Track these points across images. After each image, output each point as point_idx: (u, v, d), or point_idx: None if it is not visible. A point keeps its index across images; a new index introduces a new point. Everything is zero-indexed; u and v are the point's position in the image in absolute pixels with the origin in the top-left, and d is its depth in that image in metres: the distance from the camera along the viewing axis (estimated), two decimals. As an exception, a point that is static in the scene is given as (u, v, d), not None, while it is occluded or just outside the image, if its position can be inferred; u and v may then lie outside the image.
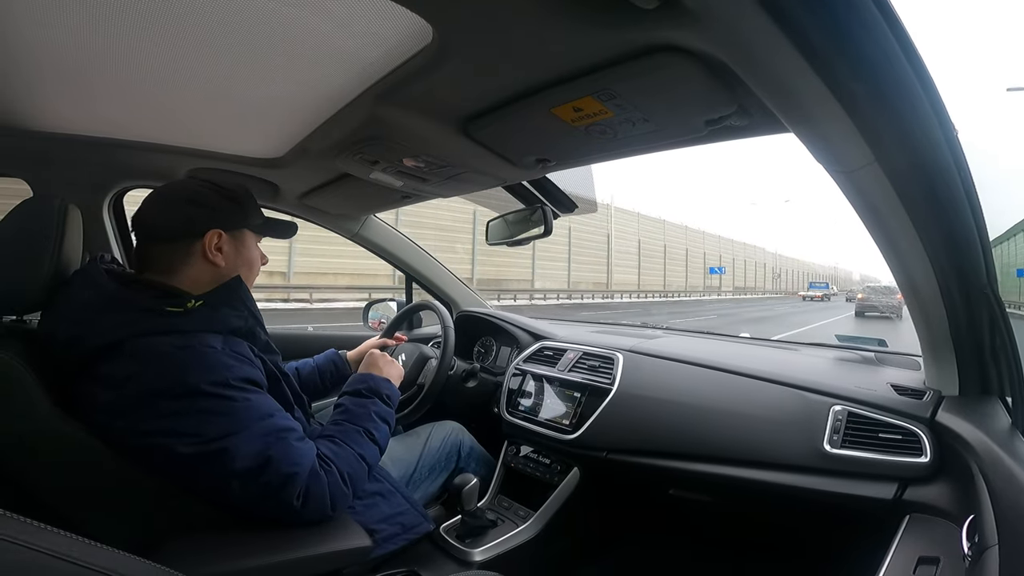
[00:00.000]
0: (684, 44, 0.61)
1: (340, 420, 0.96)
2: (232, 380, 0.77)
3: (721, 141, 0.88)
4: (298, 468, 0.79)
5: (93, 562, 0.39)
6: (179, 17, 0.69)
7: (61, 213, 0.81)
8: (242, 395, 0.78)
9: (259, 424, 0.78)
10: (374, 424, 0.97)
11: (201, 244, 0.87)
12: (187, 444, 0.73)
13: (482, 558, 1.21)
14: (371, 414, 0.98)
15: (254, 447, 0.76)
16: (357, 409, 0.98)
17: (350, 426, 0.94)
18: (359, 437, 0.93)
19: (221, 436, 0.75)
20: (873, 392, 1.06)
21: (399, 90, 0.82)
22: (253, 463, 0.76)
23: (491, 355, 1.87)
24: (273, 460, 0.77)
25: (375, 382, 1.04)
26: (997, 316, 0.80)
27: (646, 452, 1.25)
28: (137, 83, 0.90)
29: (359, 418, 0.96)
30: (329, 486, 0.82)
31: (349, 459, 0.88)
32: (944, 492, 0.89)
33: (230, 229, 0.90)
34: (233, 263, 0.91)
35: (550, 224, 1.45)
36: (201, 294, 0.84)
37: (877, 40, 0.52)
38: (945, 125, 0.61)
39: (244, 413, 0.77)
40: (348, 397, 1.01)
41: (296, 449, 0.80)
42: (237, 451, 0.75)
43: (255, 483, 0.76)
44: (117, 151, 1.22)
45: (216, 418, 0.75)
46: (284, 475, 0.78)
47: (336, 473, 0.84)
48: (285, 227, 1.04)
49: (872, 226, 0.79)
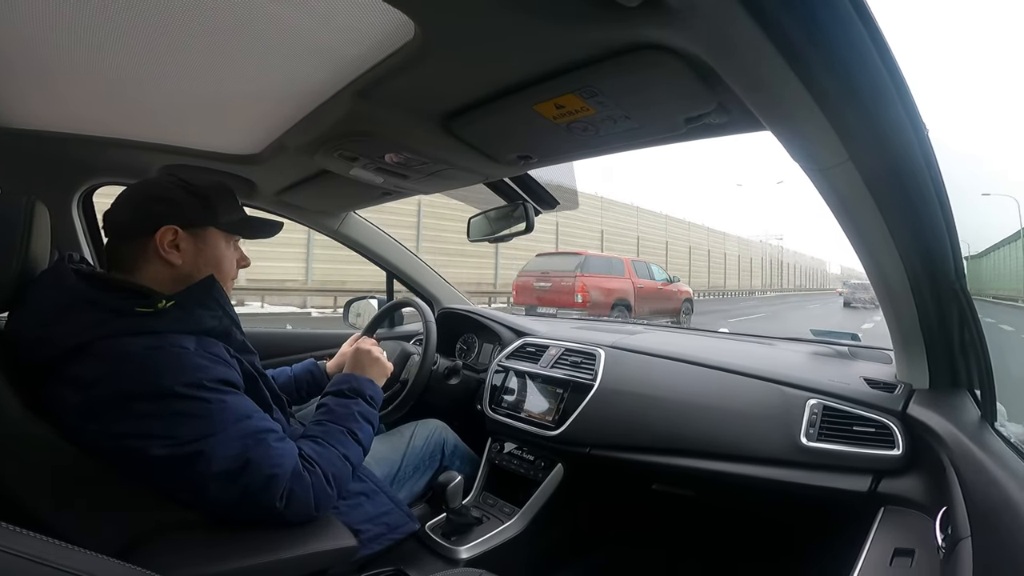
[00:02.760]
0: (666, 42, 0.62)
1: (323, 420, 0.95)
2: (206, 381, 0.76)
3: (700, 138, 0.89)
4: (279, 469, 0.78)
5: (69, 565, 0.38)
6: (152, 10, 0.67)
7: (28, 210, 0.78)
8: (217, 396, 0.76)
9: (236, 426, 0.77)
10: (357, 424, 0.96)
11: (154, 241, 0.84)
12: (161, 446, 0.72)
13: (468, 556, 1.21)
14: (354, 414, 0.97)
15: (232, 449, 0.75)
16: (340, 409, 0.97)
17: (333, 426, 0.93)
18: (343, 437, 0.92)
19: (196, 439, 0.73)
20: (847, 386, 1.09)
21: (380, 86, 0.81)
22: (231, 465, 0.74)
23: (473, 352, 1.87)
24: (252, 462, 0.76)
25: (358, 383, 1.03)
26: (966, 311, 0.83)
27: (628, 447, 1.26)
28: (108, 78, 0.87)
29: (342, 418, 0.95)
30: (313, 487, 0.81)
31: (332, 459, 0.87)
32: (917, 484, 0.91)
33: (190, 227, 0.87)
34: (193, 263, 0.87)
35: (532, 221, 1.45)
36: (172, 294, 0.82)
37: (853, 41, 0.53)
38: (917, 125, 0.63)
39: (219, 415, 0.76)
40: (331, 397, 1.00)
41: (276, 450, 0.79)
42: (213, 453, 0.73)
43: (234, 485, 0.75)
44: (87, 147, 1.18)
45: (190, 420, 0.73)
46: (264, 477, 0.76)
47: (320, 474, 0.83)
48: (263, 227, 1.00)
49: (845, 223, 0.81)
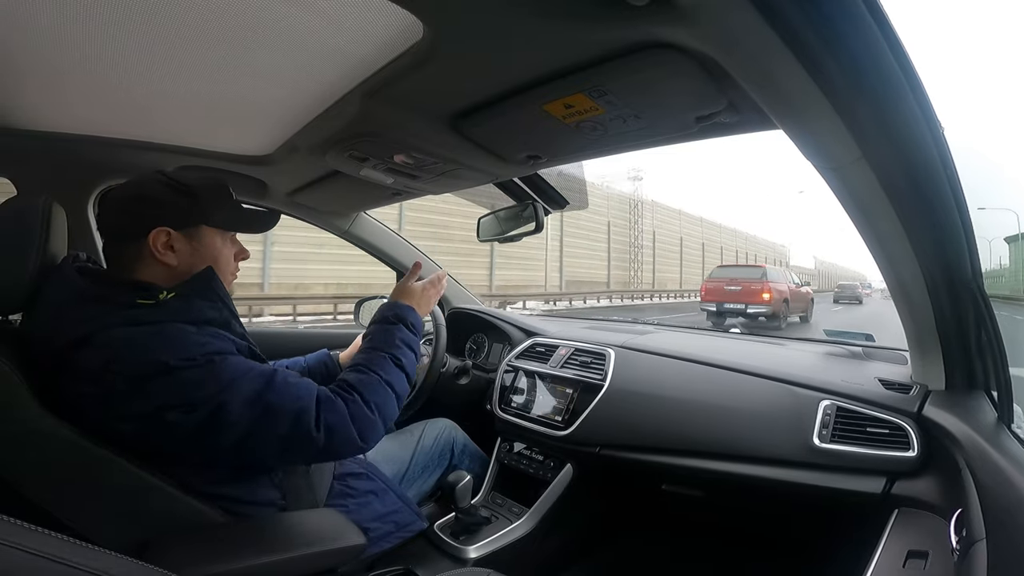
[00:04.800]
0: (675, 41, 0.61)
1: (366, 348, 0.96)
2: (206, 353, 0.76)
3: (711, 137, 0.89)
4: (301, 401, 0.79)
5: (84, 563, 0.38)
6: (164, 13, 0.68)
7: (46, 212, 0.80)
8: (220, 358, 0.77)
9: (245, 377, 0.77)
10: (400, 350, 0.96)
11: (148, 244, 0.83)
12: (179, 413, 0.73)
13: (476, 555, 1.21)
14: (396, 340, 0.97)
15: (248, 395, 0.76)
16: (383, 336, 0.98)
17: (375, 353, 0.94)
18: (384, 363, 0.92)
19: (213, 395, 0.74)
20: (861, 387, 1.07)
21: (389, 87, 0.81)
22: (253, 411, 0.75)
23: (483, 352, 1.87)
24: (273, 404, 0.77)
25: (401, 309, 1.03)
26: (983, 311, 0.81)
27: (638, 448, 1.25)
28: (122, 81, 0.89)
29: (385, 344, 0.96)
30: (351, 414, 0.82)
31: (374, 385, 0.87)
32: (932, 486, 0.90)
33: (182, 227, 0.85)
34: (189, 262, 0.86)
35: (541, 221, 1.45)
36: (173, 286, 0.83)
37: (866, 38, 0.53)
38: (932, 122, 0.62)
39: (225, 372, 0.76)
40: (375, 325, 1.01)
41: (291, 385, 0.80)
42: (233, 403, 0.74)
43: (266, 430, 0.76)
44: (102, 149, 1.20)
45: (200, 384, 0.74)
46: (290, 413, 0.77)
47: (358, 400, 0.84)
48: (257, 220, 0.98)
49: (859, 222, 0.80)
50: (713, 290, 12.14)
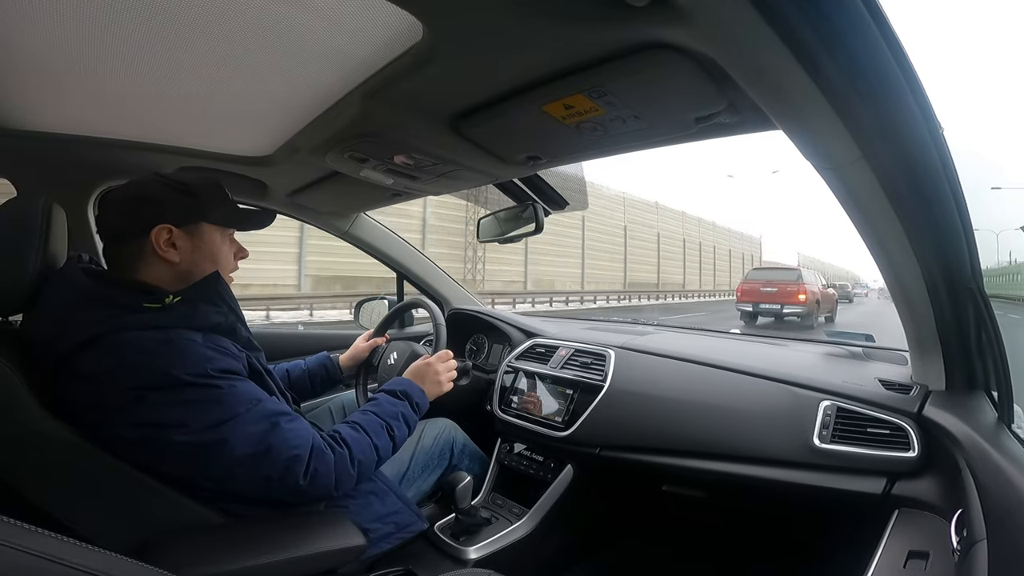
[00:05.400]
0: (674, 41, 0.61)
1: (368, 410, 0.99)
2: (212, 370, 0.77)
3: (710, 138, 0.89)
4: (298, 450, 0.81)
5: (84, 564, 0.38)
6: (164, 14, 0.68)
7: (46, 213, 0.80)
8: (227, 383, 0.78)
9: (250, 411, 0.79)
10: (397, 423, 0.99)
11: (149, 242, 0.84)
12: (181, 434, 0.74)
13: (477, 556, 1.21)
14: (398, 414, 1.01)
15: (252, 433, 0.77)
16: (387, 406, 1.01)
17: (375, 418, 0.97)
18: (379, 430, 0.95)
19: (215, 425, 0.75)
20: (861, 387, 1.07)
21: (389, 88, 0.81)
22: (254, 449, 0.77)
23: (483, 353, 1.87)
24: (273, 447, 0.78)
25: (411, 388, 1.08)
26: (983, 311, 0.81)
27: (639, 448, 1.25)
28: (122, 82, 0.89)
29: (385, 414, 0.99)
30: (336, 465, 0.84)
31: (363, 446, 0.91)
32: (932, 486, 0.90)
33: (183, 224, 0.87)
34: (191, 259, 0.88)
35: (541, 221, 1.45)
36: (179, 290, 0.84)
37: (865, 38, 0.52)
38: (931, 122, 0.62)
39: (232, 400, 0.78)
40: (383, 394, 1.05)
41: (291, 431, 0.81)
42: (235, 438, 0.76)
43: (258, 470, 0.78)
44: (102, 150, 1.20)
45: (205, 407, 0.75)
46: (286, 459, 0.79)
47: (346, 455, 0.86)
48: (255, 217, 0.99)
49: (859, 222, 0.80)
50: (749, 291, 12.67)
